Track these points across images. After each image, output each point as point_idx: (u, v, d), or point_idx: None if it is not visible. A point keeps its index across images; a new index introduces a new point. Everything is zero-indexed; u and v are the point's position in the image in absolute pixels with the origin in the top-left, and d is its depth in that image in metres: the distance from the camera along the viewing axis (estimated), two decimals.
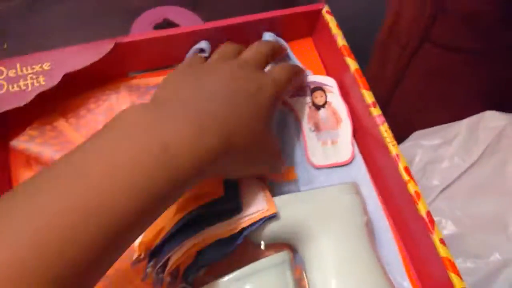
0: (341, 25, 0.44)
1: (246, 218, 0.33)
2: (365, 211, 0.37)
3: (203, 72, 0.33)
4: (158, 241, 0.33)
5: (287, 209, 0.35)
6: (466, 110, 0.59)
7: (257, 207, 0.33)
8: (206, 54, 0.44)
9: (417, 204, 0.37)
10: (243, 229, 0.33)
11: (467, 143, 0.56)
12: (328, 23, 0.45)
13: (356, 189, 0.38)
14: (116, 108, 0.41)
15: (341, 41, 0.44)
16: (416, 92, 0.69)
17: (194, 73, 0.33)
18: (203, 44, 0.43)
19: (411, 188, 0.38)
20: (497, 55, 0.59)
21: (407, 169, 0.38)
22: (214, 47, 0.44)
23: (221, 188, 0.34)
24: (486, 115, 0.57)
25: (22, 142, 0.37)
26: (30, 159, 0.38)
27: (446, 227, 0.54)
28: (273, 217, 0.33)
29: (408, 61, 0.64)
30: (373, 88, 0.75)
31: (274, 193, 0.40)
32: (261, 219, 0.33)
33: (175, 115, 0.27)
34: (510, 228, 0.50)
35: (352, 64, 0.43)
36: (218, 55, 0.37)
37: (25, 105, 0.37)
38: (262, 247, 0.35)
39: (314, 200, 0.36)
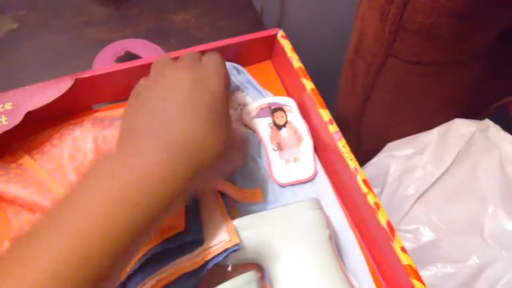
0: (315, 43, 0.46)
1: (210, 250, 0.33)
2: (328, 225, 0.38)
3: (162, 86, 0.33)
4: (123, 278, 0.34)
5: (250, 231, 0.35)
6: (437, 119, 0.61)
7: (220, 238, 0.34)
8: None
9: (377, 214, 0.38)
10: (207, 261, 0.33)
11: (439, 151, 0.58)
12: (283, 47, 0.47)
13: (317, 204, 0.39)
14: (80, 141, 0.41)
15: (296, 63, 0.46)
16: (386, 105, 0.71)
17: (151, 95, 0.33)
18: None
19: (371, 199, 0.39)
20: (458, 67, 0.62)
21: (365, 182, 0.40)
22: None
23: (183, 221, 0.34)
24: (455, 123, 0.59)
25: None
26: None
27: (424, 234, 0.55)
28: (236, 249, 0.34)
29: (375, 76, 0.66)
30: (345, 103, 0.77)
31: (240, 215, 0.41)
32: (224, 251, 0.33)
33: (142, 152, 0.28)
34: (485, 232, 0.51)
35: (308, 85, 0.45)
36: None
37: None
38: (229, 269, 0.35)
39: (276, 219, 0.37)
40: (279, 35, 0.48)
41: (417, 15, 0.53)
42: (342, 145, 0.42)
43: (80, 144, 0.41)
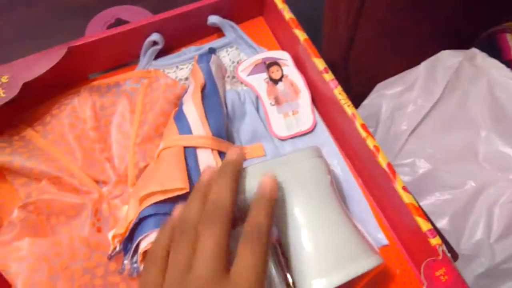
0: None
1: None
2: (329, 171, 0.39)
3: None
4: (128, 232, 0.35)
5: (254, 179, 0.36)
6: (423, 54, 0.61)
7: None
8: (159, 46, 0.46)
9: (377, 157, 0.39)
10: None
11: (427, 84, 0.58)
12: (273, 0, 0.46)
13: (318, 152, 0.39)
14: (79, 109, 0.42)
15: (287, 14, 0.45)
16: (371, 44, 0.70)
17: None
18: (154, 37, 0.44)
19: (370, 143, 0.39)
20: None
21: (363, 126, 0.40)
22: (166, 36, 0.46)
23: (187, 184, 0.35)
24: (441, 56, 0.59)
25: None
26: (2, 170, 0.39)
27: (420, 166, 0.56)
28: None
29: (356, 16, 0.66)
30: (330, 49, 0.77)
31: None
32: None
33: None
34: (480, 156, 0.52)
35: (301, 35, 0.44)
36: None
37: None
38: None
39: (277, 167, 0.37)
40: None
41: None
42: (338, 92, 0.42)
43: (79, 112, 0.42)
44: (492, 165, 0.51)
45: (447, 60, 0.58)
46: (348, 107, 0.41)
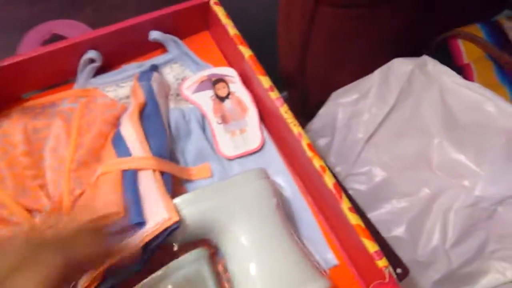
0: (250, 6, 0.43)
1: (149, 231, 0.32)
2: (274, 193, 0.38)
3: None
4: None
5: (193, 207, 0.34)
6: (377, 62, 0.61)
7: (158, 217, 0.33)
8: (97, 64, 0.43)
9: (324, 178, 0.38)
10: (148, 244, 0.32)
11: (381, 92, 0.59)
12: (217, 14, 0.45)
13: (263, 174, 0.38)
14: (9, 132, 0.39)
15: (231, 30, 0.44)
16: (324, 53, 0.71)
17: None
18: (90, 54, 0.42)
19: (316, 163, 0.38)
20: (388, 5, 0.61)
21: (310, 146, 0.39)
22: (105, 52, 0.43)
23: (121, 208, 0.33)
24: (394, 63, 0.60)
25: None
26: None
27: (376, 174, 0.56)
28: (177, 227, 0.33)
29: (308, 26, 0.66)
30: (285, 58, 0.77)
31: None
32: (164, 230, 0.32)
33: None
34: (433, 163, 0.52)
35: (246, 52, 0.43)
36: None
37: None
38: (175, 248, 0.34)
39: (220, 192, 0.36)
40: (211, 2, 0.45)
41: None
42: (284, 111, 0.41)
43: (9, 136, 0.39)
44: (445, 172, 0.52)
45: (399, 67, 0.59)
46: (294, 126, 0.40)
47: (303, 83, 0.79)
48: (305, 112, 0.80)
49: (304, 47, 0.71)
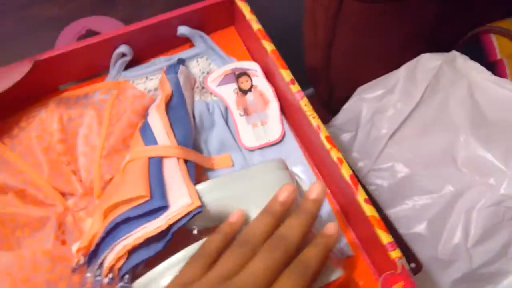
0: None
1: (172, 215, 0.34)
2: (292, 183, 0.39)
3: None
4: (92, 246, 0.35)
5: (212, 195, 0.36)
6: (405, 57, 0.61)
7: (182, 202, 0.34)
8: (128, 58, 0.46)
9: (340, 169, 0.39)
10: (170, 226, 0.34)
11: (407, 88, 0.58)
12: (241, 10, 0.46)
13: (282, 164, 0.39)
14: (46, 121, 0.42)
15: (255, 25, 0.45)
16: (350, 49, 0.70)
17: None
18: (122, 48, 0.44)
19: (334, 155, 0.39)
20: (415, 0, 0.60)
21: (328, 138, 0.40)
22: (135, 47, 0.46)
23: (148, 191, 0.35)
24: (421, 59, 0.59)
25: None
26: None
27: (399, 170, 0.56)
28: (199, 211, 0.34)
29: (334, 21, 0.66)
30: (311, 53, 0.77)
31: None
32: (187, 214, 0.34)
33: None
34: (458, 160, 0.51)
35: (269, 46, 0.44)
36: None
37: None
38: (194, 232, 0.36)
39: (238, 182, 0.37)
40: None
41: None
42: (304, 104, 0.42)
43: (46, 124, 0.42)
44: (470, 169, 0.51)
45: (427, 63, 0.58)
46: (313, 119, 0.41)
47: (328, 79, 0.79)
48: (331, 107, 0.80)
49: (329, 43, 0.71)
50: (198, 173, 0.41)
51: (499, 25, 0.63)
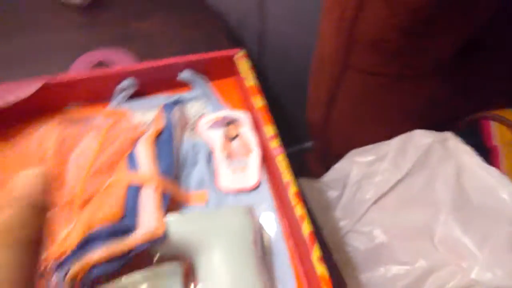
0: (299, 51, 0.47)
1: (137, 237, 0.36)
2: (255, 231, 0.40)
3: None
4: (65, 255, 0.36)
5: (177, 226, 0.38)
6: (399, 129, 0.62)
7: (148, 227, 0.36)
8: (131, 91, 0.49)
9: (302, 225, 0.40)
10: (133, 248, 0.36)
11: (397, 159, 0.59)
12: (238, 67, 0.49)
13: (248, 211, 0.41)
14: (46, 137, 0.44)
15: (249, 82, 0.48)
16: (349, 114, 0.72)
17: None
18: (126, 83, 0.48)
19: (298, 211, 0.41)
20: (414, 80, 0.62)
21: (297, 194, 0.42)
22: (140, 82, 0.49)
23: (121, 211, 0.37)
24: (414, 134, 0.60)
25: None
26: None
27: (377, 236, 0.56)
28: (161, 238, 0.36)
29: (336, 86, 0.68)
30: (312, 110, 0.79)
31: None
32: (150, 240, 0.36)
33: None
34: (435, 237, 0.51)
35: (258, 102, 0.47)
36: None
37: None
38: (155, 258, 0.37)
39: (204, 219, 0.39)
40: (237, 56, 0.50)
41: (367, 29, 0.54)
42: (280, 160, 0.43)
43: (44, 139, 0.44)
44: (445, 248, 0.51)
45: (419, 139, 0.59)
46: (286, 174, 0.43)
47: (326, 137, 0.81)
48: (326, 163, 0.81)
49: (330, 104, 0.73)
50: (172, 205, 0.43)
51: (500, 114, 0.64)
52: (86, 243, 0.36)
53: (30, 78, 0.44)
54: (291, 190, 0.42)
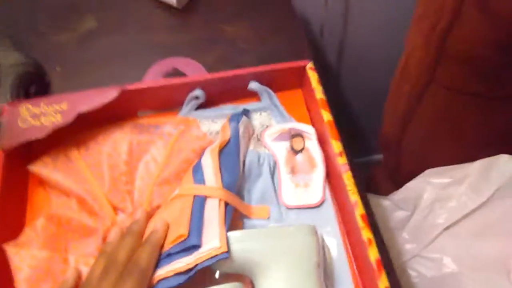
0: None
1: (201, 255, 0.34)
2: (318, 253, 0.38)
3: None
4: None
5: (240, 244, 0.36)
6: (480, 152, 0.57)
7: (212, 244, 0.35)
8: (200, 101, 0.48)
9: (368, 250, 0.37)
10: (197, 264, 0.35)
11: (478, 184, 0.54)
12: (309, 78, 0.47)
13: (312, 231, 0.38)
14: (119, 142, 0.45)
15: (318, 94, 0.46)
16: (426, 131, 0.67)
17: None
18: (197, 92, 0.47)
19: (365, 234, 0.38)
20: (502, 102, 0.57)
21: (363, 217, 0.39)
22: (208, 92, 0.48)
23: (187, 230, 0.36)
24: (500, 159, 0.54)
25: (36, 167, 0.43)
26: (43, 181, 0.44)
27: (446, 265, 0.52)
28: (225, 257, 0.35)
29: (416, 100, 0.64)
30: (388, 123, 0.75)
31: (245, 228, 0.42)
32: (212, 257, 0.34)
33: None
34: None
35: (326, 116, 0.44)
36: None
37: (48, 136, 0.42)
38: (216, 275, 0.36)
39: (268, 238, 0.37)
40: (308, 67, 0.48)
41: (459, 43, 0.50)
42: (346, 178, 0.41)
43: (118, 145, 0.45)
44: None
45: (505, 164, 0.54)
46: (352, 194, 0.40)
47: (399, 150, 0.76)
48: (395, 180, 0.76)
49: (407, 119, 0.69)
50: (234, 217, 0.42)
51: None
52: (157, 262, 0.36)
53: (108, 86, 0.45)
54: (358, 212, 0.39)
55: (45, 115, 0.43)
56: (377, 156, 1.07)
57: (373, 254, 0.37)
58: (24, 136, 0.42)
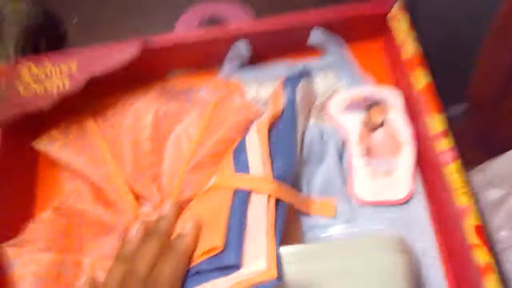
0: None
1: (242, 279, 0.25)
2: (409, 275, 0.27)
3: None
4: None
5: (296, 265, 0.26)
6: None
7: (257, 265, 0.25)
8: (246, 56, 0.36)
9: (484, 278, 0.25)
10: None
11: None
12: (398, 23, 0.33)
13: (400, 247, 0.27)
14: (142, 112, 0.35)
15: (410, 49, 0.32)
16: None
17: None
18: (242, 45, 0.35)
19: (480, 257, 0.26)
20: None
21: (478, 229, 0.26)
22: (255, 45, 0.36)
23: (223, 241, 0.26)
24: None
25: (43, 144, 0.34)
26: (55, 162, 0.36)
27: None
28: (274, 284, 0.25)
29: None
30: (483, 81, 0.60)
31: (304, 229, 0.32)
32: (258, 283, 0.24)
33: None
34: None
35: (421, 78, 0.31)
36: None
37: (57, 104, 0.33)
38: None
39: (335, 257, 0.26)
40: (395, 7, 0.34)
41: None
42: (453, 171, 0.28)
43: (141, 115, 0.35)
44: None
45: None
46: (462, 195, 0.27)
47: (496, 112, 0.62)
48: (488, 145, 0.63)
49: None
50: (289, 214, 0.31)
51: None
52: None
53: (125, 41, 0.34)
54: (468, 222, 0.26)
55: (50, 78, 0.34)
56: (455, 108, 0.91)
57: (493, 285, 0.25)
58: (24, 106, 0.33)
